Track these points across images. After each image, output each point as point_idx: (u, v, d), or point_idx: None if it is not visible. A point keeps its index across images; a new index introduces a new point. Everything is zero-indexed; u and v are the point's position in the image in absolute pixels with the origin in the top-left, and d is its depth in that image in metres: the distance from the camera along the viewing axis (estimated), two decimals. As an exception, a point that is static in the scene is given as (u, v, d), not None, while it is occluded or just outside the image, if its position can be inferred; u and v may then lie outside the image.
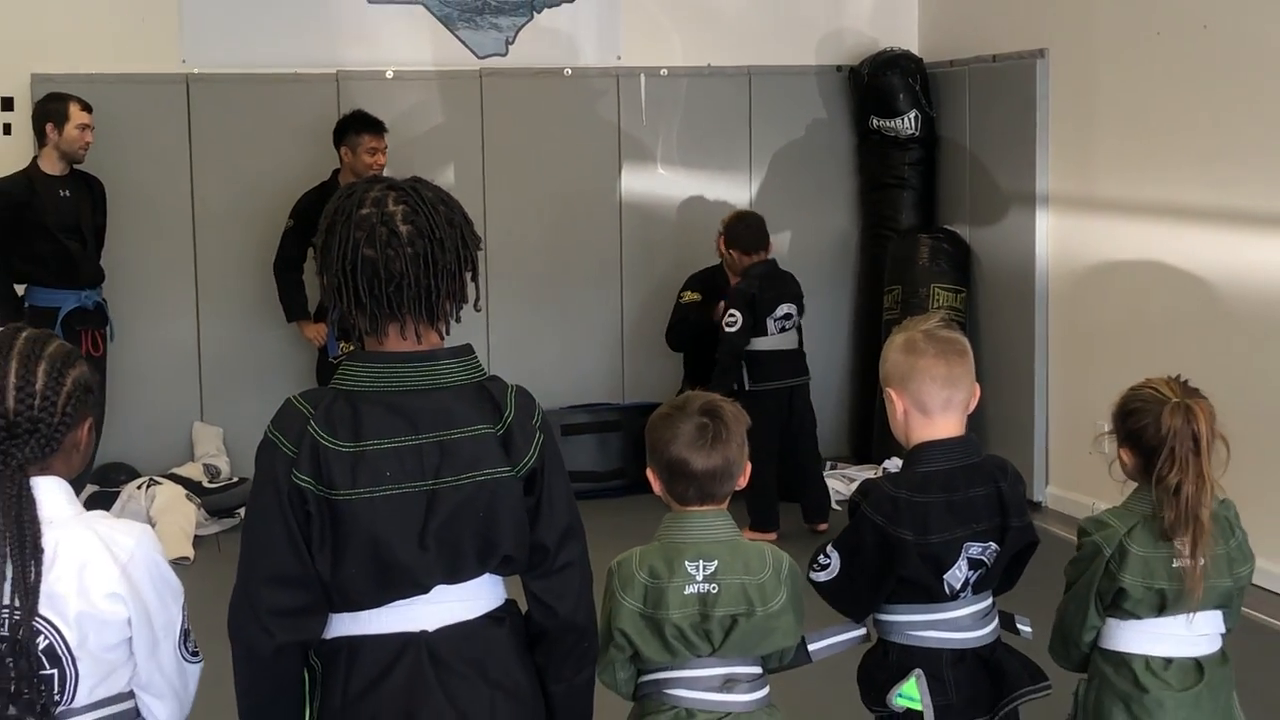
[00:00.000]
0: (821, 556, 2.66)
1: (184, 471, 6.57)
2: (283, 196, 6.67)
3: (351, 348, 6.31)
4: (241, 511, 6.43)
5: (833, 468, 7.07)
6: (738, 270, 6.17)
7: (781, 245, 7.40)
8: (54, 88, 6.34)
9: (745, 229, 6.18)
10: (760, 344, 6.09)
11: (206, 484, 6.51)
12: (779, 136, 7.54)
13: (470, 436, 2.04)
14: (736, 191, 7.50)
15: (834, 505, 6.51)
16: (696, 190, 7.46)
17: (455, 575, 2.06)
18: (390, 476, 2.00)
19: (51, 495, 1.94)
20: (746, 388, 5.98)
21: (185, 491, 6.30)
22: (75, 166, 6.15)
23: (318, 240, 2.09)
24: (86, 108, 6.14)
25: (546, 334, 7.32)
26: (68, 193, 6.10)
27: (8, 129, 6.51)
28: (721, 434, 2.49)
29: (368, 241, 2.02)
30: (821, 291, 7.56)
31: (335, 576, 2.00)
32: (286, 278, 6.47)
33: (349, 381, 2.06)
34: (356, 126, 6.39)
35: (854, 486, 6.56)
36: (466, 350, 2.12)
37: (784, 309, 6.15)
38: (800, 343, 6.26)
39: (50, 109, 6.12)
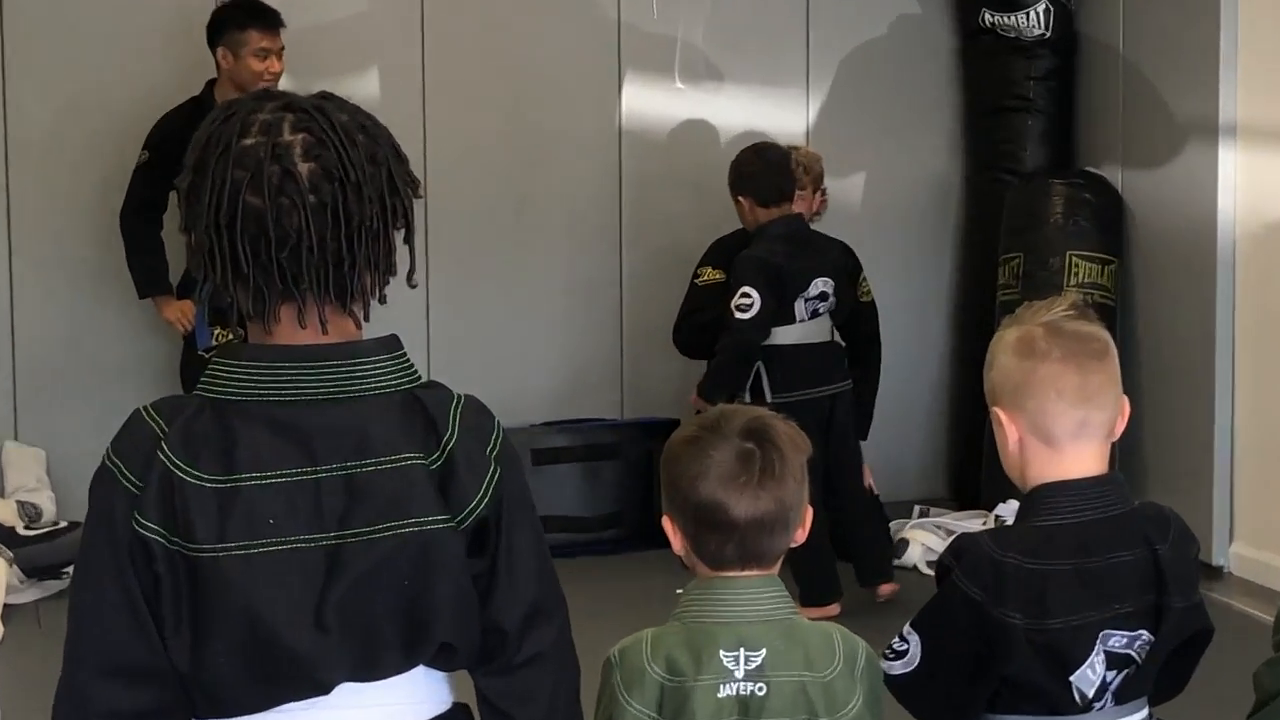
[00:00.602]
0: (897, 640, 2.67)
1: (-11, 513, 6.60)
2: (133, 118, 6.69)
3: (230, 337, 6.42)
4: (71, 570, 6.45)
5: (923, 514, 7.08)
6: (751, 227, 6.19)
7: (849, 197, 7.42)
8: None
9: (764, 169, 6.17)
10: (784, 336, 6.10)
11: (22, 530, 6.53)
12: (849, 39, 7.56)
13: (392, 470, 2.04)
14: (788, 118, 7.52)
15: (926, 569, 6.53)
16: (729, 117, 7.47)
17: (370, 669, 2.06)
18: (275, 525, 2.00)
19: None
20: (768, 399, 5.95)
21: (-9, 541, 6.32)
22: None
23: (182, 182, 2.09)
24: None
25: (510, 322, 7.35)
26: None
27: None
28: (773, 466, 2.51)
29: (253, 185, 2.03)
30: (908, 263, 7.56)
31: (196, 667, 2.01)
32: (139, 234, 6.48)
33: (220, 386, 2.06)
34: (240, 19, 6.43)
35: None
36: (392, 344, 2.12)
37: (819, 285, 6.15)
38: (833, 333, 6.29)
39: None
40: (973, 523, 6.80)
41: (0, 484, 6.86)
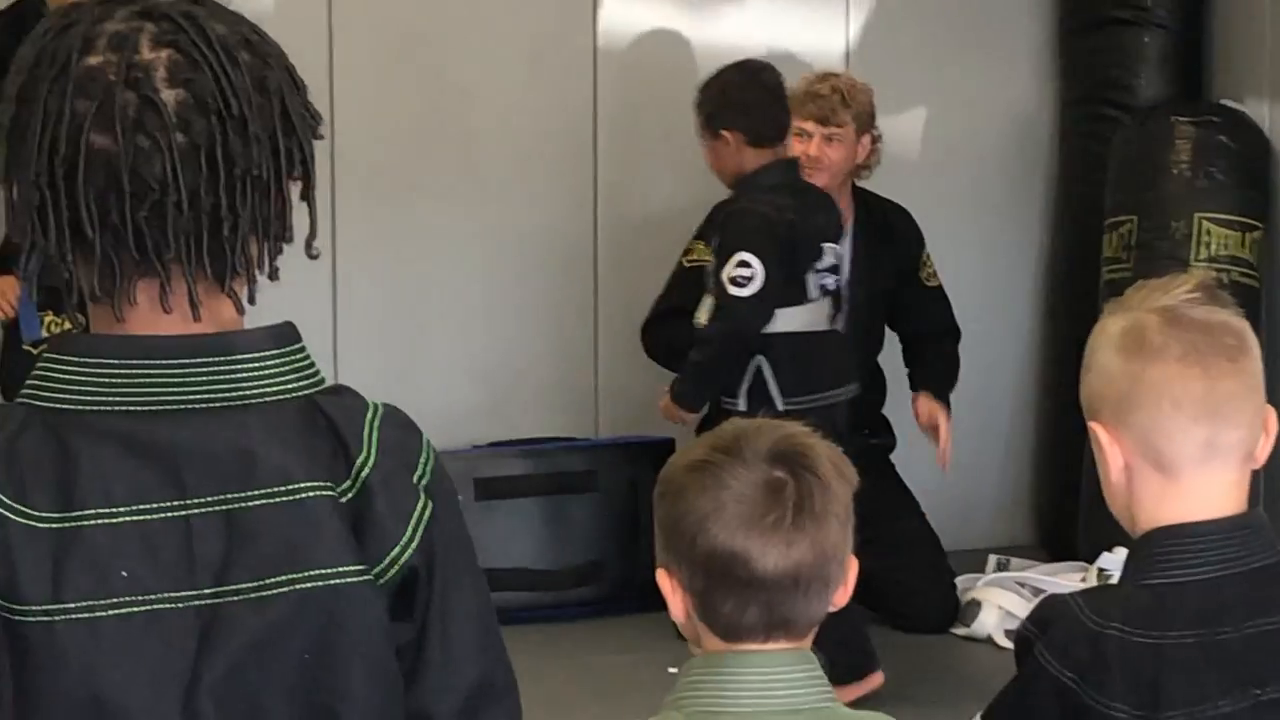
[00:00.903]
0: None
1: None
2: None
3: (66, 326, 6.36)
4: None
5: (1001, 567, 7.11)
6: (733, 176, 6.21)
7: (903, 141, 7.44)
8: None
9: (760, 96, 6.23)
10: (793, 320, 6.14)
11: None
12: (904, -74, 7.61)
13: (288, 504, 2.05)
14: (822, 37, 7.60)
15: (1004, 640, 6.56)
16: (742, 35, 7.50)
17: None
18: (129, 580, 2.00)
19: None
20: (779, 406, 5.95)
21: None
22: None
23: (1, 114, 2.08)
24: None
25: (446, 308, 7.36)
26: None
27: None
28: (812, 501, 2.53)
29: (99, 119, 2.02)
30: (981, 231, 7.62)
31: None
32: None
33: (53, 393, 2.07)
34: None
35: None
36: (287, 336, 2.12)
37: (832, 254, 6.22)
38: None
39: None
40: (1067, 579, 6.83)
41: None
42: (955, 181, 7.61)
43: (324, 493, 2.06)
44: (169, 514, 2.03)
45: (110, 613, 2.00)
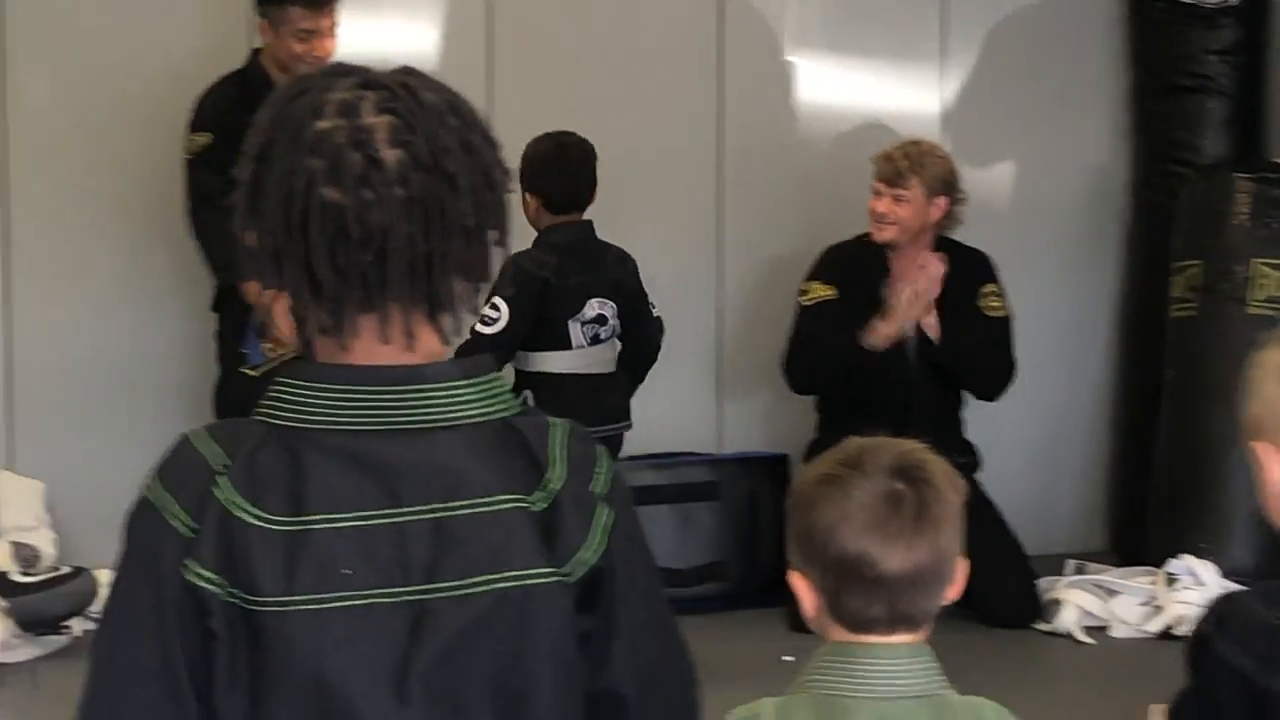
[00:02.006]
0: None
1: (-21, 556, 6.67)
2: (158, 94, 6.77)
3: (284, 352, 6.42)
4: (76, 625, 6.51)
5: (1079, 570, 7.06)
6: (535, 230, 6.29)
7: (992, 194, 7.40)
8: None
9: (562, 168, 6.27)
10: (554, 363, 6.19)
11: (17, 576, 6.58)
12: (992, 4, 7.55)
13: (489, 514, 2.06)
14: (918, 98, 7.55)
15: (1082, 635, 6.56)
16: (849, 97, 7.48)
17: None
18: (351, 577, 2.02)
19: None
20: None
21: (-19, 589, 6.39)
22: None
23: (241, 172, 2.11)
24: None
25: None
26: None
27: None
28: (929, 509, 2.53)
29: (330, 176, 2.04)
30: (1062, 273, 7.55)
31: None
32: (217, 225, 6.50)
33: (288, 413, 2.08)
34: None
35: (1115, 604, 6.71)
36: (486, 366, 2.14)
37: (596, 306, 6.25)
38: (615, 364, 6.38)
39: None
40: (1137, 582, 6.79)
41: (-9, 522, 6.93)
42: (1039, 230, 7.55)
43: (519, 504, 2.07)
44: (385, 520, 2.04)
45: (334, 605, 2.01)
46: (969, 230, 6.81)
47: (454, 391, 2.10)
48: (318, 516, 2.03)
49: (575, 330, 6.20)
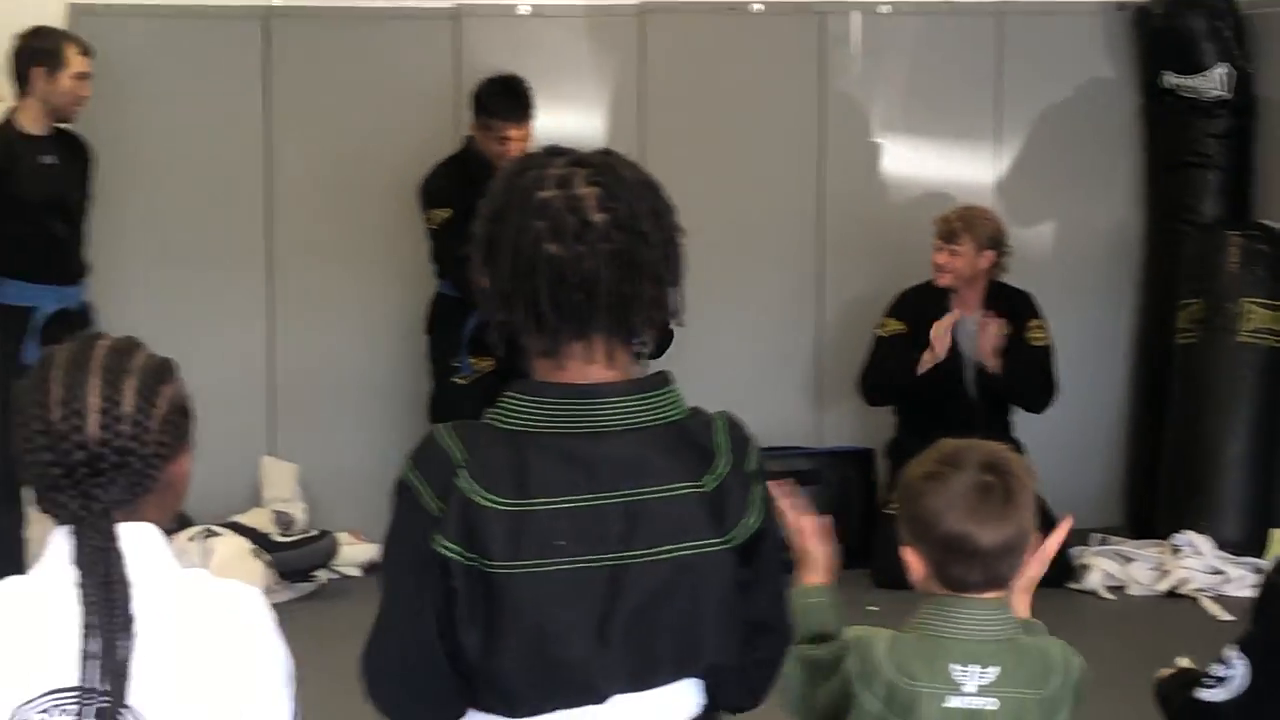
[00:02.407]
0: (1218, 666, 2.61)
1: (249, 519, 6.73)
2: (383, 166, 6.84)
3: (487, 365, 6.47)
4: (322, 575, 6.57)
5: (1103, 542, 6.98)
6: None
7: (1037, 245, 7.34)
8: (95, 21, 6.57)
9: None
10: None
11: (278, 536, 6.65)
12: (1037, 98, 7.48)
13: (670, 496, 2.08)
14: (978, 169, 7.46)
15: (1105, 593, 6.46)
16: (921, 169, 7.43)
17: (643, 683, 2.10)
18: (564, 547, 2.05)
19: (144, 548, 2.00)
20: None
21: (251, 545, 6.44)
22: (60, 126, 6.12)
23: (479, 230, 2.14)
24: (86, 51, 6.07)
25: (719, 351, 7.32)
26: (53, 159, 6.08)
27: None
28: (1014, 494, 2.52)
29: (553, 233, 2.07)
30: (1091, 305, 7.46)
31: (485, 661, 2.06)
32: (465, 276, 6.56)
33: (516, 419, 2.11)
34: (493, 108, 6.40)
35: (1131, 569, 6.62)
36: (666, 379, 2.16)
37: None
38: None
39: (41, 50, 5.98)
40: (1151, 550, 6.72)
41: (258, 494, 7.01)
42: (1073, 273, 7.44)
43: (693, 488, 2.10)
44: (587, 503, 2.06)
45: (550, 568, 2.04)
46: (1016, 274, 6.76)
47: (637, 401, 2.12)
48: (537, 500, 2.05)
49: None
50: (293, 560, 6.54)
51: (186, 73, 6.88)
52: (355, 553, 6.70)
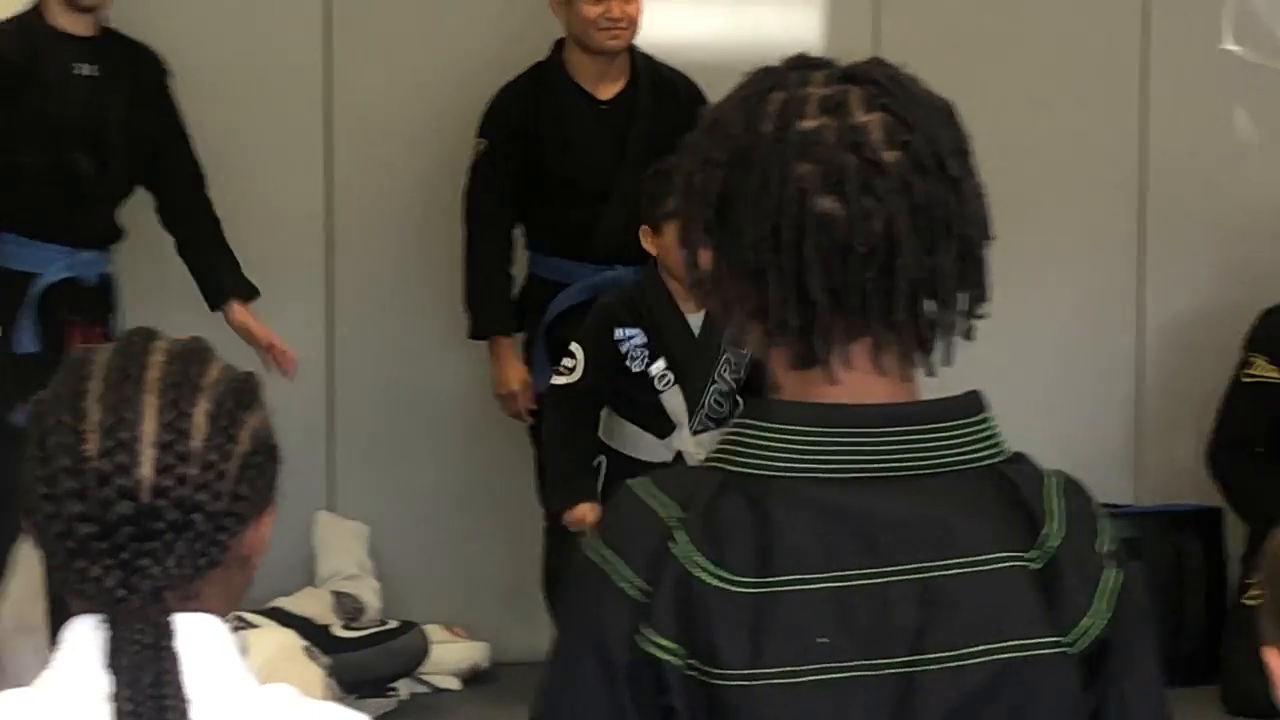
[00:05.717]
0: None
1: (298, 606, 6.83)
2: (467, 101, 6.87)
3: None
4: (404, 687, 6.63)
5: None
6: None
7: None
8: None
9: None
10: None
11: (339, 630, 6.71)
12: None
13: (983, 574, 2.05)
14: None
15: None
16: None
17: None
18: (828, 646, 2.02)
19: (207, 650, 2.02)
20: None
21: (303, 643, 6.52)
22: (110, 29, 6.33)
23: (694, 179, 2.10)
24: None
25: (1000, 375, 7.31)
26: (94, 69, 6.24)
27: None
28: None
29: (826, 182, 2.03)
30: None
31: None
32: (476, 250, 6.68)
33: (751, 458, 2.08)
34: None
35: None
36: (979, 404, 2.12)
37: None
38: None
39: None
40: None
41: (312, 567, 7.09)
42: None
43: (1016, 563, 2.07)
44: (865, 581, 2.04)
45: (809, 679, 2.02)
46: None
47: (947, 433, 2.09)
48: (787, 577, 2.03)
49: None
50: (363, 664, 6.61)
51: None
52: (451, 654, 6.78)
